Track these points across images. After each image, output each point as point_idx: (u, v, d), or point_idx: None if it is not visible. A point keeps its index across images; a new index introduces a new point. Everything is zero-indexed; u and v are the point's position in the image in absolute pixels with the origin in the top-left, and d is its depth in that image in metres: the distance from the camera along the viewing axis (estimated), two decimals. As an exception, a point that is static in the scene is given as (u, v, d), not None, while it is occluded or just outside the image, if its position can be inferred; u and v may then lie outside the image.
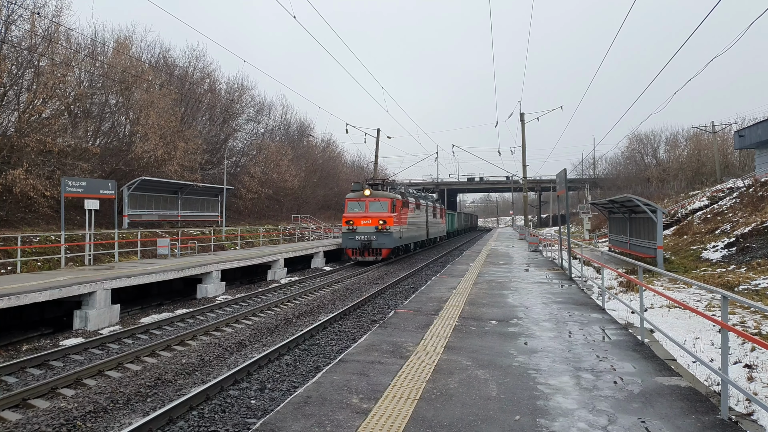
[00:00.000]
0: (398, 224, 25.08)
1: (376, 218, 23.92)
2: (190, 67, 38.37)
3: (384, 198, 24.59)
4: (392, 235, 23.93)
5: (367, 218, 24.02)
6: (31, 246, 16.10)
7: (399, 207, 25.53)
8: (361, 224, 24.12)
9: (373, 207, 24.41)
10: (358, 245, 24.05)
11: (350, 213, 24.74)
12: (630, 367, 5.89)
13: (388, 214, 24.05)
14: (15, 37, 22.41)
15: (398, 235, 25.09)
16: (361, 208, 24.58)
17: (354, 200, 25.07)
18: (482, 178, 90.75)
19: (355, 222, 24.13)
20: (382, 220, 23.77)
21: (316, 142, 58.46)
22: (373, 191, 24.93)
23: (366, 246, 23.97)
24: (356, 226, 24.09)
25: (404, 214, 26.81)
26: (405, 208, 27.14)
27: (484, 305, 9.83)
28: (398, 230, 25.07)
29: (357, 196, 25.01)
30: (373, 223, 23.91)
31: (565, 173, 15.26)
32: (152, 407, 6.59)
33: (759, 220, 19.99)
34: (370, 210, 24.33)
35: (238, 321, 11.75)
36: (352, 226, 24.17)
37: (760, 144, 33.93)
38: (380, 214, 24.01)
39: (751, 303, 4.57)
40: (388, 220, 23.85)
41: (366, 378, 5.53)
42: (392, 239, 23.96)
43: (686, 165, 57.02)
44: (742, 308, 10.33)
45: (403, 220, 26.42)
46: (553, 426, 4.27)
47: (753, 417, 5.30)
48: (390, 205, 24.41)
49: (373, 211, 24.27)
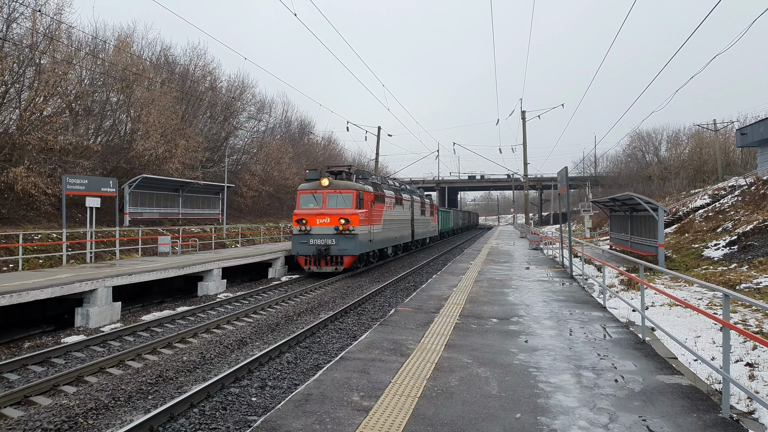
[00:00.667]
0: (367, 223, 20.03)
1: (336, 216, 18.77)
2: (191, 65, 38.36)
3: (347, 189, 19.36)
4: (357, 238, 18.78)
5: (324, 216, 18.87)
6: (32, 244, 16.12)
7: (369, 201, 20.44)
8: (316, 224, 18.91)
9: (332, 201, 19.23)
10: (312, 251, 18.72)
11: (303, 209, 19.40)
12: (631, 365, 5.89)
13: (352, 211, 18.89)
14: (16, 35, 22.41)
15: (367, 238, 20.02)
16: (317, 202, 19.33)
17: (308, 192, 19.65)
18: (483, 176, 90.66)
19: (308, 221, 18.95)
20: (344, 218, 18.65)
21: (317, 140, 58.46)
22: (333, 181, 19.71)
23: (322, 252, 18.68)
24: (310, 227, 18.91)
25: (377, 211, 21.73)
26: (379, 204, 22.03)
27: (485, 303, 9.83)
28: (367, 231, 20.01)
29: (312, 187, 19.67)
30: (332, 223, 18.78)
31: (566, 171, 15.24)
32: (154, 404, 6.60)
33: (761, 218, 19.96)
34: (328, 205, 19.18)
35: (239, 319, 11.77)
36: (305, 226, 18.94)
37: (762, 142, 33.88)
38: (342, 211, 18.90)
39: (753, 301, 4.57)
40: (351, 218, 18.72)
41: (367, 376, 5.53)
42: (357, 243, 18.83)
43: (688, 163, 56.93)
44: (743, 306, 10.32)
45: (375, 218, 21.29)
46: (554, 424, 4.27)
47: (754, 415, 5.30)
48: (355, 198, 19.18)
49: (333, 206, 19.14)
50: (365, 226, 19.82)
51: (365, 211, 19.82)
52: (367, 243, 20.02)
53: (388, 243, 23.88)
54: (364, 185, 20.60)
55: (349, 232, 18.69)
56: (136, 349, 8.86)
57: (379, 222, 21.89)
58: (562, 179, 15.51)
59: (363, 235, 19.47)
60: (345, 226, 18.70)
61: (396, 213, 25.37)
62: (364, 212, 19.61)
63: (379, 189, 22.78)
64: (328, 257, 18.85)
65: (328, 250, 18.76)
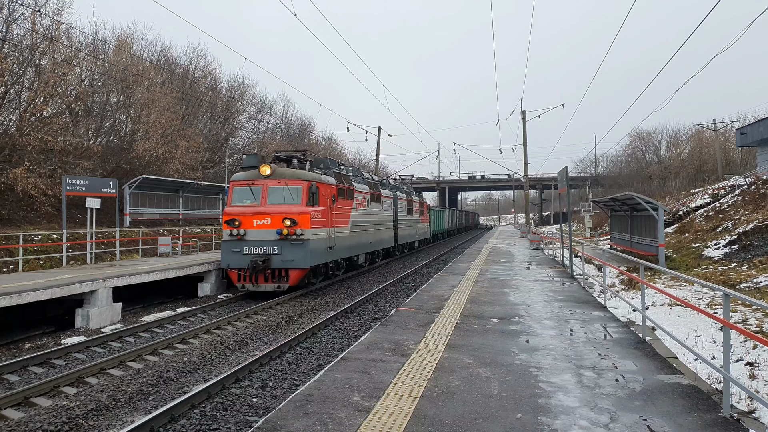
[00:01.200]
0: (324, 225, 15.42)
1: (278, 215, 14.17)
2: (191, 65, 38.40)
3: (295, 180, 14.64)
4: (308, 245, 14.12)
5: (263, 215, 14.30)
6: (32, 245, 16.14)
7: (328, 196, 15.90)
8: (253, 226, 14.28)
9: (276, 196, 14.62)
10: (247, 263, 13.92)
11: (236, 207, 14.71)
12: (632, 364, 5.89)
13: (302, 209, 14.27)
14: (16, 36, 22.45)
15: (324, 244, 15.45)
16: (255, 197, 14.71)
17: (243, 184, 14.95)
18: (483, 176, 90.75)
19: (243, 222, 14.31)
20: (290, 218, 14.07)
21: (317, 140, 58.44)
22: (277, 168, 15.03)
23: (259, 265, 13.79)
24: (245, 230, 14.25)
25: (343, 210, 17.41)
26: (345, 200, 17.68)
27: (486, 303, 9.84)
28: (324, 235, 15.43)
29: (248, 177, 14.95)
30: (273, 224, 14.17)
31: (567, 171, 15.25)
32: (154, 405, 6.60)
33: (761, 217, 19.96)
34: (270, 201, 14.54)
35: (240, 319, 11.77)
36: (237, 228, 14.29)
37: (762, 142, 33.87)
38: (287, 209, 14.26)
39: (753, 301, 4.57)
40: (300, 218, 14.17)
41: (368, 376, 5.53)
42: (308, 252, 14.16)
43: (688, 163, 56.98)
44: (743, 306, 10.32)
45: (339, 218, 16.95)
46: (555, 424, 4.27)
47: (755, 415, 5.30)
48: (306, 192, 14.52)
49: (277, 202, 14.52)
50: (321, 229, 15.18)
51: (322, 209, 15.20)
52: (323, 251, 15.44)
53: (360, 249, 19.51)
54: (322, 175, 16.04)
55: (296, 238, 14.08)
56: (137, 350, 8.86)
57: (344, 223, 17.51)
58: (562, 179, 15.52)
59: (318, 240, 14.86)
60: (291, 229, 14.04)
61: (372, 212, 20.98)
62: (319, 210, 15.01)
63: (346, 181, 18.29)
64: (267, 271, 14.14)
65: (267, 261, 13.98)
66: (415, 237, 30.80)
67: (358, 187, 19.32)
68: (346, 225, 17.72)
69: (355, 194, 18.81)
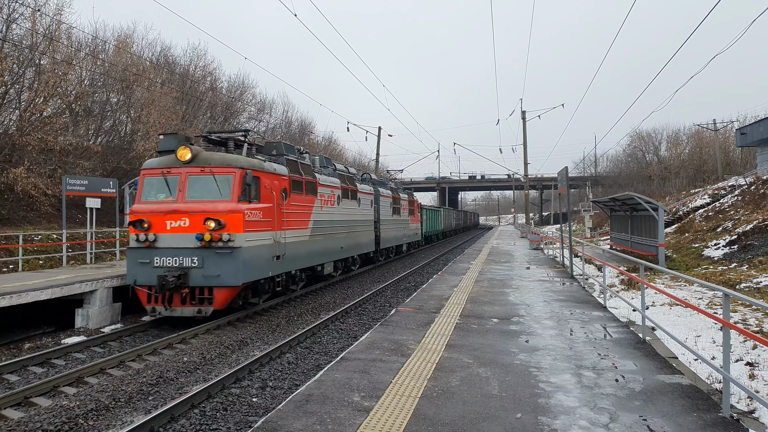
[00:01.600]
0: (267, 227, 11.79)
1: (199, 215, 10.71)
2: (191, 65, 38.40)
3: (225, 167, 11.04)
4: (239, 255, 10.60)
5: (179, 215, 10.80)
6: (32, 244, 16.14)
7: (275, 190, 12.25)
8: (166, 228, 10.85)
9: (197, 188, 11.05)
10: (155, 279, 10.35)
11: (146, 203, 11.27)
12: (631, 364, 5.89)
13: (231, 206, 10.78)
14: (16, 36, 22.45)
15: (267, 253, 11.74)
16: (171, 190, 11.16)
17: (156, 173, 11.37)
18: (483, 176, 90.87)
19: (153, 224, 10.90)
20: (215, 218, 10.59)
21: (317, 140, 58.45)
22: (201, 152, 11.36)
23: (171, 282, 10.21)
24: (155, 234, 10.86)
25: (299, 208, 13.61)
26: (301, 195, 13.75)
27: (486, 303, 9.84)
28: (266, 242, 11.70)
29: (163, 164, 11.39)
30: (192, 227, 10.71)
31: (567, 171, 15.26)
32: (154, 405, 6.60)
33: (761, 217, 19.97)
34: (190, 195, 11.00)
35: (240, 319, 11.76)
36: (146, 232, 10.93)
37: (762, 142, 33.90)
38: (211, 206, 10.76)
39: (753, 301, 4.57)
40: (229, 218, 10.69)
41: (367, 376, 5.54)
42: (239, 264, 10.62)
43: (688, 163, 57.04)
44: (743, 306, 10.33)
45: (293, 218, 13.22)
46: (555, 424, 4.27)
47: (755, 415, 5.30)
48: (238, 183, 10.98)
49: (198, 197, 10.97)
50: (262, 233, 11.44)
51: (264, 206, 11.59)
52: (266, 261, 11.62)
53: (326, 257, 15.62)
54: (267, 162, 12.19)
55: (223, 245, 10.45)
56: (137, 349, 8.85)
57: (302, 224, 13.73)
58: (562, 179, 15.53)
59: (256, 247, 11.12)
60: (216, 233, 10.43)
61: (344, 211, 17.39)
62: (259, 208, 11.34)
63: (306, 172, 14.36)
64: (185, 290, 10.43)
65: (184, 277, 10.33)
66: (403, 240, 27.70)
67: (323, 180, 15.73)
68: (304, 227, 14.00)
69: (319, 188, 15.17)
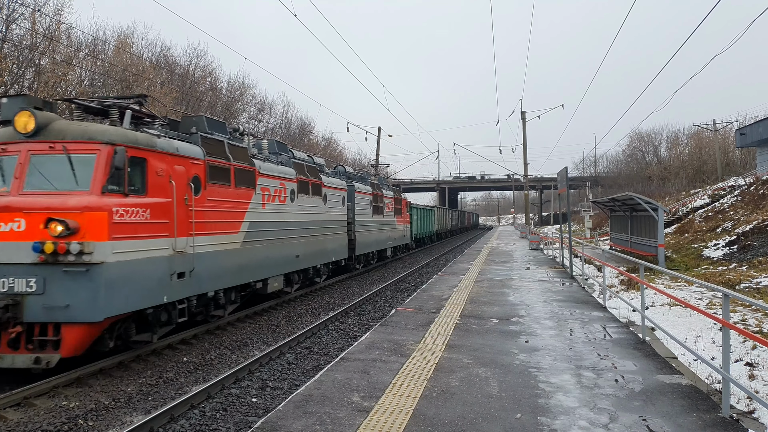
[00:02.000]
0: (159, 232, 7.89)
1: (40, 213, 6.61)
2: (191, 65, 38.42)
3: (83, 144, 7.09)
4: (102, 275, 6.75)
5: (12, 213, 6.65)
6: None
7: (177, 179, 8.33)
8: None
9: (41, 173, 6.98)
10: None
11: None
12: (631, 365, 5.89)
13: (90, 202, 6.81)
14: (16, 36, 22.46)
15: (158, 270, 7.87)
16: (4, 177, 7.03)
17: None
18: (483, 176, 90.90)
19: None
20: (63, 219, 6.53)
21: (317, 141, 58.47)
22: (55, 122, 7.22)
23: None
24: None
25: (222, 204, 9.86)
26: (226, 188, 10.00)
27: (486, 303, 9.84)
28: (158, 253, 7.86)
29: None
30: (29, 232, 6.63)
31: (566, 171, 15.27)
32: (153, 405, 6.60)
33: (760, 218, 19.98)
34: (30, 184, 6.92)
35: (240, 320, 11.76)
36: None
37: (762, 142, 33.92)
38: (59, 201, 6.76)
39: (753, 301, 4.58)
40: (84, 219, 6.67)
41: (367, 376, 5.54)
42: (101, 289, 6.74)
43: (687, 163, 57.11)
44: (743, 306, 10.33)
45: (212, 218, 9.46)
46: (554, 424, 4.27)
47: (754, 415, 5.30)
48: (104, 165, 7.02)
49: (41, 187, 6.91)
50: (152, 241, 7.77)
51: (156, 201, 7.88)
52: (158, 283, 7.95)
53: (269, 270, 11.71)
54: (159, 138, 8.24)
55: (75, 260, 6.74)
56: (137, 349, 8.84)
57: (228, 228, 9.99)
58: (562, 179, 15.53)
59: (134, 263, 7.41)
60: (63, 242, 6.66)
61: (300, 210, 13.46)
62: (146, 205, 7.67)
63: (236, 156, 10.45)
64: (15, 328, 6.67)
65: (14, 308, 6.67)
66: (387, 243, 23.47)
67: (267, 169, 11.66)
68: (232, 230, 10.08)
69: (259, 179, 11.15)
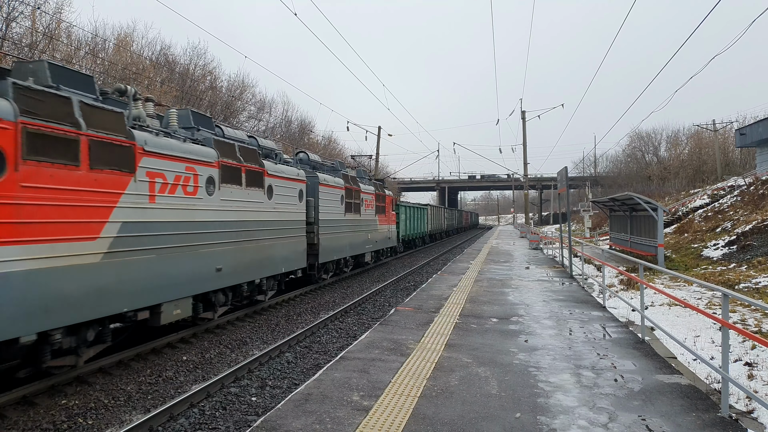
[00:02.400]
0: None
1: None
2: (191, 64, 38.36)
3: None
4: None
5: None
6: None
7: None
8: None
9: None
10: None
11: None
12: (630, 364, 5.90)
13: None
14: (16, 34, 22.43)
15: None
16: None
17: None
18: (483, 175, 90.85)
19: None
20: None
21: (317, 140, 58.43)
22: None
23: None
24: None
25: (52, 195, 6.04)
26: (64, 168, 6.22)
27: (485, 303, 9.84)
28: None
29: None
30: None
31: (566, 171, 15.26)
32: (153, 404, 6.60)
33: (760, 218, 19.98)
34: None
35: (240, 319, 11.76)
36: None
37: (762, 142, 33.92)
38: None
39: (752, 301, 4.58)
40: None
41: (367, 375, 5.54)
42: None
43: (687, 163, 57.09)
44: (742, 306, 10.33)
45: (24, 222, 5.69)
46: (554, 423, 4.28)
47: (753, 415, 5.31)
48: None
49: None
50: None
51: None
52: None
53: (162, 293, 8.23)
54: None
55: None
56: (136, 349, 8.84)
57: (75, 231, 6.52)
58: (562, 179, 15.53)
59: None
60: None
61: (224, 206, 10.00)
62: None
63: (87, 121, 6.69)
64: None
65: None
66: (366, 248, 19.70)
67: (158, 146, 8.33)
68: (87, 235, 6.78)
69: (142, 160, 7.87)
